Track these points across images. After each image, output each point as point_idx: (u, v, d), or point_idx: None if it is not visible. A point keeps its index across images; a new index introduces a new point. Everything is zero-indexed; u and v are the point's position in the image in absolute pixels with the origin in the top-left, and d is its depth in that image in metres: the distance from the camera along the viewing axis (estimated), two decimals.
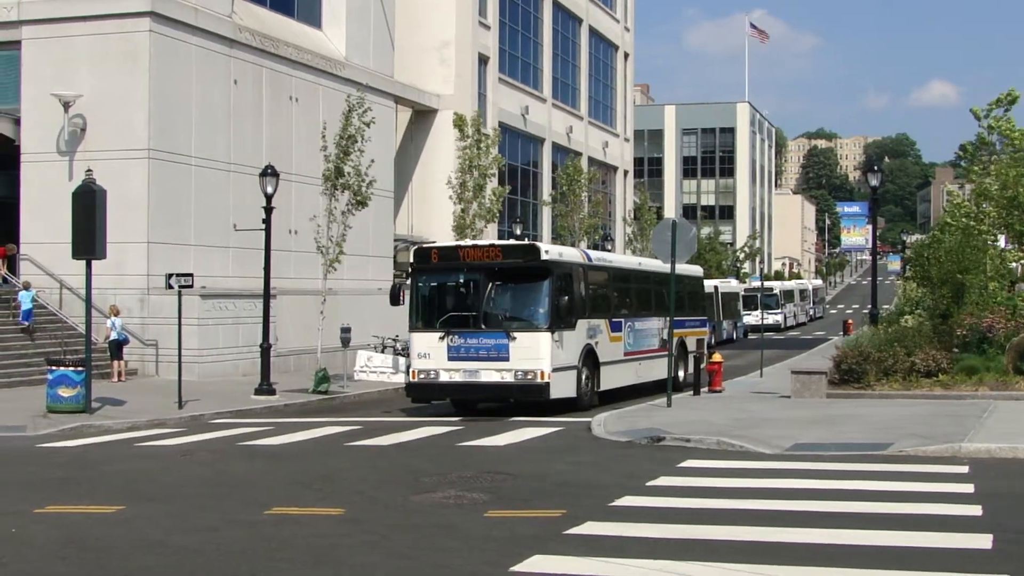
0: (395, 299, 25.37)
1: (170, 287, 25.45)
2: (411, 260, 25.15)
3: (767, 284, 70.83)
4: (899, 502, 12.36)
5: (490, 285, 23.78)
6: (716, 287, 58.85)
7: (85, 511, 12.59)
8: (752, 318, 63.70)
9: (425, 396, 24.73)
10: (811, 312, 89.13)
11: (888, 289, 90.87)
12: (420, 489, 13.75)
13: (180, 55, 33.58)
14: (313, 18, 41.86)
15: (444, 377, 23.75)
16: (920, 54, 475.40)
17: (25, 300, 31.29)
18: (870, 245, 46.04)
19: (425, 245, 25.75)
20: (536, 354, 23.20)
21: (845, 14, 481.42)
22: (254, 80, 36.75)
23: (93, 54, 32.80)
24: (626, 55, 73.43)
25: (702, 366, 27.93)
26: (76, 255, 23.56)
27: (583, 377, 24.70)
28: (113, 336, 30.25)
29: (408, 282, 25.30)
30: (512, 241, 32.67)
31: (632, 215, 69.43)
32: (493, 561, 9.90)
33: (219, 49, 35.15)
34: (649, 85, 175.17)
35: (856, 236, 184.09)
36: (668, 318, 29.67)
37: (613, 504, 12.51)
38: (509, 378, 23.33)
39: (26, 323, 31.25)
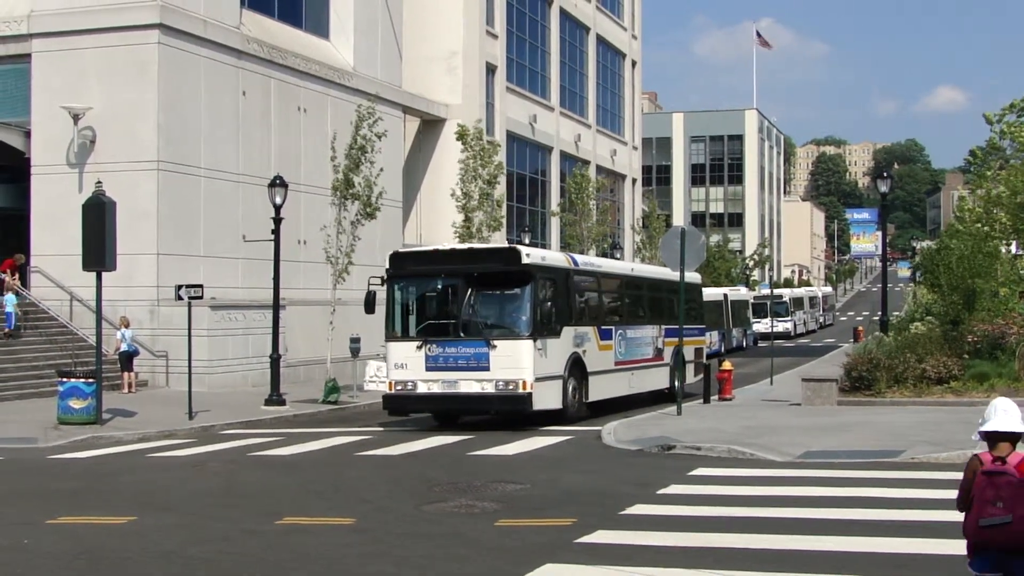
0: (369, 307, 24.21)
1: (180, 298, 25.49)
2: (387, 265, 23.88)
3: (777, 291, 70.79)
4: (911, 509, 12.33)
5: (469, 291, 22.64)
6: (725, 295, 58.77)
7: (97, 522, 12.61)
8: (762, 326, 63.60)
9: (402, 408, 23.63)
10: (821, 319, 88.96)
11: (898, 296, 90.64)
12: (431, 498, 13.75)
13: (189, 67, 33.68)
14: (321, 29, 41.96)
15: (422, 388, 22.63)
16: (927, 60, 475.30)
17: (8, 304, 31.27)
18: (880, 251, 45.96)
19: (402, 250, 24.64)
20: (517, 363, 22.04)
21: (852, 21, 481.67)
22: (262, 91, 36.84)
23: (102, 67, 32.91)
24: (634, 63, 73.47)
25: (713, 374, 27.82)
26: (86, 267, 23.62)
27: (570, 387, 23.50)
28: (123, 347, 30.29)
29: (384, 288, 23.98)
30: (492, 244, 31.41)
31: (641, 223, 69.36)
32: (504, 570, 9.90)
33: (228, 60, 35.25)
34: (657, 93, 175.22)
35: (866, 243, 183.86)
36: (662, 326, 29.12)
37: (624, 512, 12.50)
38: (490, 389, 22.15)
39: (9, 328, 31.18)
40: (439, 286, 23.56)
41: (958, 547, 10.06)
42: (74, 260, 25.32)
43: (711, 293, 57.58)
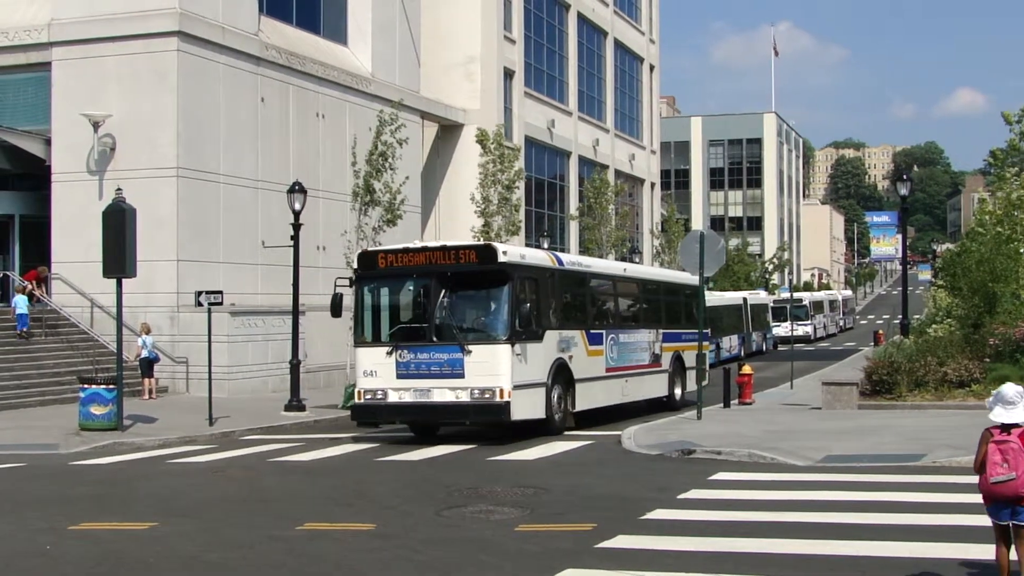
0: (336, 310, 22.81)
1: (200, 304, 25.57)
2: (354, 265, 22.33)
3: (796, 295, 70.48)
4: (933, 513, 12.28)
5: (443, 292, 21.02)
6: (745, 299, 58.66)
7: (119, 528, 12.65)
8: (782, 329, 63.47)
9: (372, 419, 22.03)
10: (841, 323, 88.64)
11: (919, 299, 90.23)
12: (451, 504, 13.75)
13: (208, 74, 33.82)
14: (339, 35, 42.08)
15: (393, 397, 21.06)
16: (946, 63, 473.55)
17: (20, 305, 31.43)
18: (900, 255, 45.75)
19: (370, 248, 22.76)
20: (494, 369, 20.39)
21: (870, 24, 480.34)
22: (281, 97, 36.96)
23: (122, 74, 33.08)
24: (651, 67, 73.44)
25: (733, 378, 27.71)
26: (107, 274, 23.71)
27: (555, 396, 21.87)
28: (144, 354, 30.39)
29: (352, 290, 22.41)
30: (467, 241, 29.28)
31: (659, 227, 69.34)
32: (525, 575, 9.89)
33: (246, 67, 35.38)
34: (675, 97, 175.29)
35: (886, 246, 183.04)
36: (660, 330, 27.90)
37: (644, 517, 12.48)
38: (464, 397, 20.49)
39: (22, 329, 31.37)
40: (410, 287, 21.86)
41: (981, 552, 10.05)
42: (95, 267, 25.42)
43: (730, 297, 57.61)
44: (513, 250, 22.12)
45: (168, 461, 19.50)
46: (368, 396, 21.35)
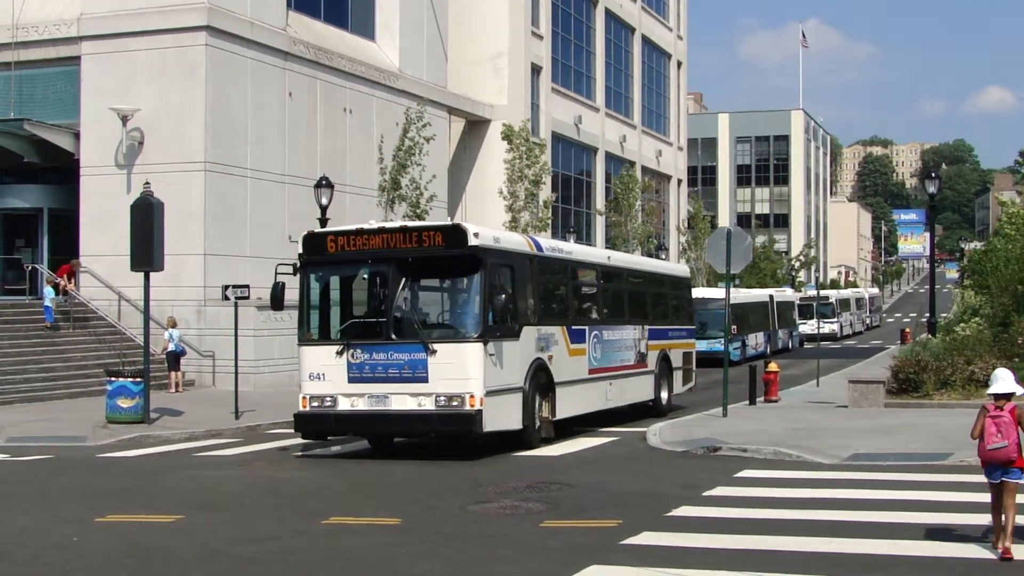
0: (277, 302, 20.15)
1: (226, 298, 25.65)
2: (300, 250, 19.49)
3: (823, 293, 70.00)
4: (960, 512, 12.20)
5: (403, 280, 18.13)
6: (771, 296, 58.43)
7: (145, 520, 12.71)
8: (808, 327, 63.17)
9: (318, 431, 18.94)
10: (868, 321, 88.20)
11: (946, 297, 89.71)
12: (477, 499, 13.76)
13: (236, 68, 33.92)
14: (367, 30, 42.12)
15: (344, 405, 18.13)
16: (975, 60, 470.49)
17: (46, 298, 31.72)
18: (928, 253, 45.46)
19: (318, 230, 19.94)
20: (463, 372, 17.49)
21: (899, 21, 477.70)
22: (308, 92, 37.03)
23: (151, 68, 33.22)
24: (679, 63, 73.25)
25: (759, 376, 27.59)
26: (134, 267, 23.80)
27: (535, 402, 19.12)
28: (171, 347, 30.52)
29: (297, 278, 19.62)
30: (431, 222, 26.05)
31: (686, 224, 69.19)
32: (550, 571, 9.90)
33: (274, 62, 35.47)
34: (702, 94, 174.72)
35: (913, 244, 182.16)
36: (646, 326, 25.16)
37: (670, 514, 12.46)
38: (428, 405, 17.61)
39: (49, 322, 31.60)
40: (365, 275, 18.80)
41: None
42: (122, 260, 25.54)
43: (757, 294, 57.37)
44: (485, 232, 18.73)
45: (194, 454, 19.60)
46: (315, 404, 18.41)
